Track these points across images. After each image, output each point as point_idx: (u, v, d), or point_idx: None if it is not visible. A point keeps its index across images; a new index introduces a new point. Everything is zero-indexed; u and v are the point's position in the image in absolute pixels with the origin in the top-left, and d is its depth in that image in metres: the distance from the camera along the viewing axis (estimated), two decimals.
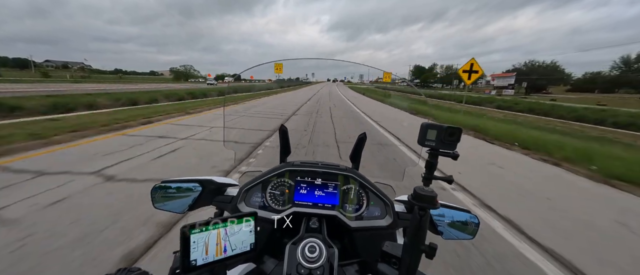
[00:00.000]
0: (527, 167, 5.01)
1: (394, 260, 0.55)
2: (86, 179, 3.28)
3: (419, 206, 0.49)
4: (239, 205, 0.77)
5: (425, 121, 0.52)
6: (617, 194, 3.88)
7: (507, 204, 3.19)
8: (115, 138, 5.53)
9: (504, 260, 2.13)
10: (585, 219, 2.93)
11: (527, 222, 2.76)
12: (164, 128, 6.78)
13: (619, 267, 2.15)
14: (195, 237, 0.47)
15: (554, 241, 2.43)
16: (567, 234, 2.60)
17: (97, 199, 2.80)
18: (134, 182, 3.26)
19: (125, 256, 1.96)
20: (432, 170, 0.51)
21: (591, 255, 2.27)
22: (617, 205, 3.40)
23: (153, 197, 0.78)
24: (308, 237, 0.63)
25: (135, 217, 2.47)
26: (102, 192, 2.98)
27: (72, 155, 4.24)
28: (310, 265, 0.56)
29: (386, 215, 0.78)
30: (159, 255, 1.99)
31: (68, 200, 2.74)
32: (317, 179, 0.81)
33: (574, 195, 3.73)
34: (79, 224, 2.32)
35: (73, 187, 3.02)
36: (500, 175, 4.44)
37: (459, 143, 0.51)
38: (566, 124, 16.43)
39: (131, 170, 3.68)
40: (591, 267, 2.12)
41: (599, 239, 2.55)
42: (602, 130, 14.51)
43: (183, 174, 1.70)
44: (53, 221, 2.35)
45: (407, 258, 0.50)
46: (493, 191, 3.62)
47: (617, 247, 2.44)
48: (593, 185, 4.21)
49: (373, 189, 0.80)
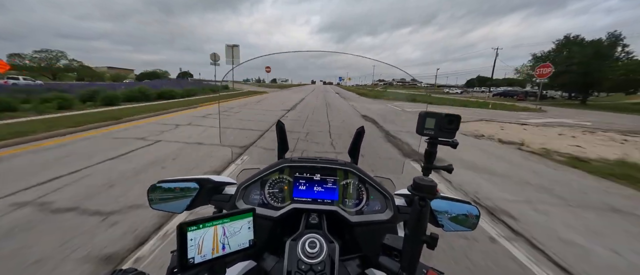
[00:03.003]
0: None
1: (395, 253, 0.54)
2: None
3: (419, 196, 0.48)
4: (237, 203, 0.76)
5: (423, 110, 0.52)
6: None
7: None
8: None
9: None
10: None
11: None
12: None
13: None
14: (192, 235, 0.46)
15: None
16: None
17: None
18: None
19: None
20: (432, 159, 0.50)
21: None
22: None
23: (150, 197, 0.76)
24: (308, 233, 0.62)
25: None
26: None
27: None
28: (310, 261, 0.56)
29: (386, 209, 0.77)
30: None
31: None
32: (316, 175, 0.80)
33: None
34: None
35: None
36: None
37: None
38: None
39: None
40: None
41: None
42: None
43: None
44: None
45: (409, 249, 0.50)
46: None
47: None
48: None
49: (373, 183, 0.80)
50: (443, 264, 1.99)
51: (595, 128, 10.47)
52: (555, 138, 7.71)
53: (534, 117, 14.48)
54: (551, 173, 4.50)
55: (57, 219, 2.33)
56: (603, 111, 22.34)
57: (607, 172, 4.48)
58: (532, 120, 12.61)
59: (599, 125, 11.45)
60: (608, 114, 19.36)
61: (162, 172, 3.56)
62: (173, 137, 5.56)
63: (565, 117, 14.82)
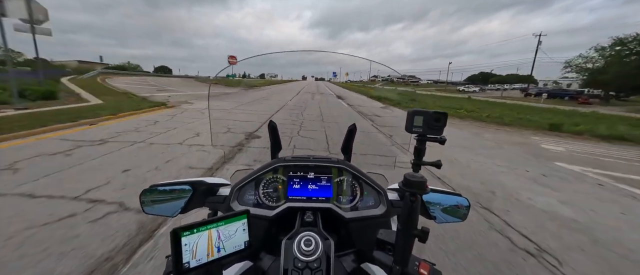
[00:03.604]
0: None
1: (389, 247, 0.56)
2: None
3: (410, 192, 0.50)
4: (231, 204, 0.76)
5: (411, 109, 0.53)
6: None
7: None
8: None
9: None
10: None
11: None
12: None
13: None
14: (187, 240, 0.46)
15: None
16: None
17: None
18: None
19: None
20: (421, 156, 0.52)
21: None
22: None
23: (142, 201, 0.76)
24: (303, 231, 0.63)
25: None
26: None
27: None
28: (307, 258, 0.57)
29: (380, 204, 0.79)
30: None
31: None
32: (310, 173, 0.80)
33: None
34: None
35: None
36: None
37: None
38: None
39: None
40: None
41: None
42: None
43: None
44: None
45: (401, 243, 0.51)
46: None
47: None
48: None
49: (366, 179, 0.81)
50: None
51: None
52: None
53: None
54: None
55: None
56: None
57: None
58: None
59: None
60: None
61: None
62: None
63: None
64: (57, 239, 2.01)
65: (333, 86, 39.10)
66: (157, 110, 8.94)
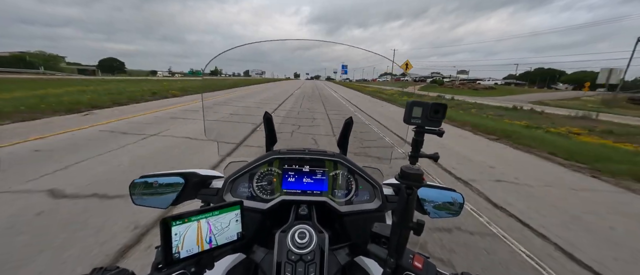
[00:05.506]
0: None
1: (384, 240, 0.55)
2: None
3: (406, 184, 0.49)
4: (225, 196, 0.75)
5: (411, 100, 0.52)
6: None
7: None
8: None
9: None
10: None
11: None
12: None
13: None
14: (177, 229, 0.44)
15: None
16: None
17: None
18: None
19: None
20: (418, 148, 0.51)
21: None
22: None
23: (132, 193, 0.73)
24: (297, 224, 0.62)
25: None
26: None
27: None
28: (300, 251, 0.56)
29: (375, 198, 0.78)
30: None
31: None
32: (305, 166, 0.79)
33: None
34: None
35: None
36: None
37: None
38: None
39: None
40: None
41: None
42: None
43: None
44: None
45: (396, 236, 0.51)
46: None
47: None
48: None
49: (361, 173, 0.80)
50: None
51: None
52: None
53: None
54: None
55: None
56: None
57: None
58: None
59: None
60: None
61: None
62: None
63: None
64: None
65: (344, 90, 25.88)
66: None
